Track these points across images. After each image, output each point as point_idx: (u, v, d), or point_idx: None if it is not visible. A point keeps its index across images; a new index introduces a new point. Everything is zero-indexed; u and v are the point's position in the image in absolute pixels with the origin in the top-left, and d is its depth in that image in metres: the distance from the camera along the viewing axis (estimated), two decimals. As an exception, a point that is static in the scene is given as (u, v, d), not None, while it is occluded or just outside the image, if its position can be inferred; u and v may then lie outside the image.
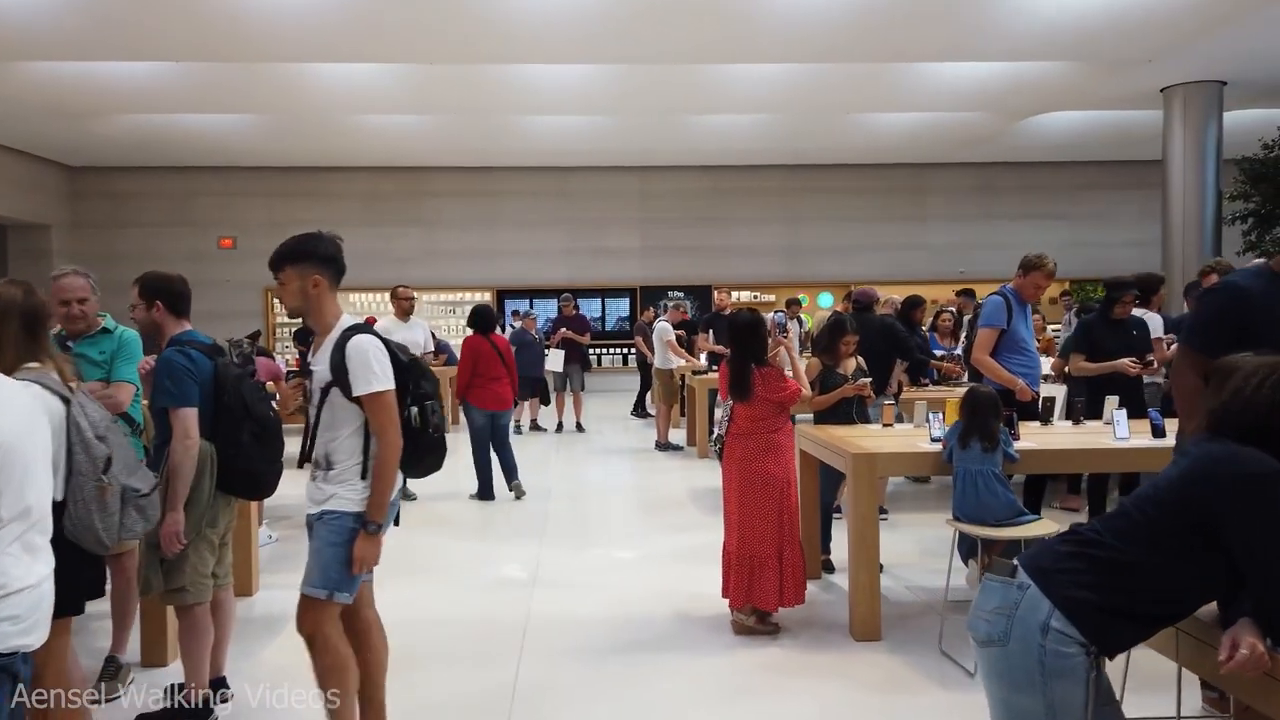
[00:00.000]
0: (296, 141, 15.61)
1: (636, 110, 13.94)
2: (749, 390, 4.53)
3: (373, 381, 3.04)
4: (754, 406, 4.55)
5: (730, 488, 4.62)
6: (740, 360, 4.58)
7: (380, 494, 3.09)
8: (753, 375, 4.55)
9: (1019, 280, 5.69)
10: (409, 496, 8.14)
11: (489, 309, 8.37)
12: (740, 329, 4.63)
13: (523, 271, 18.05)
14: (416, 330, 8.10)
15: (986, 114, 14.57)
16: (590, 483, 8.98)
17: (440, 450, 3.33)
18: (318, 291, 3.18)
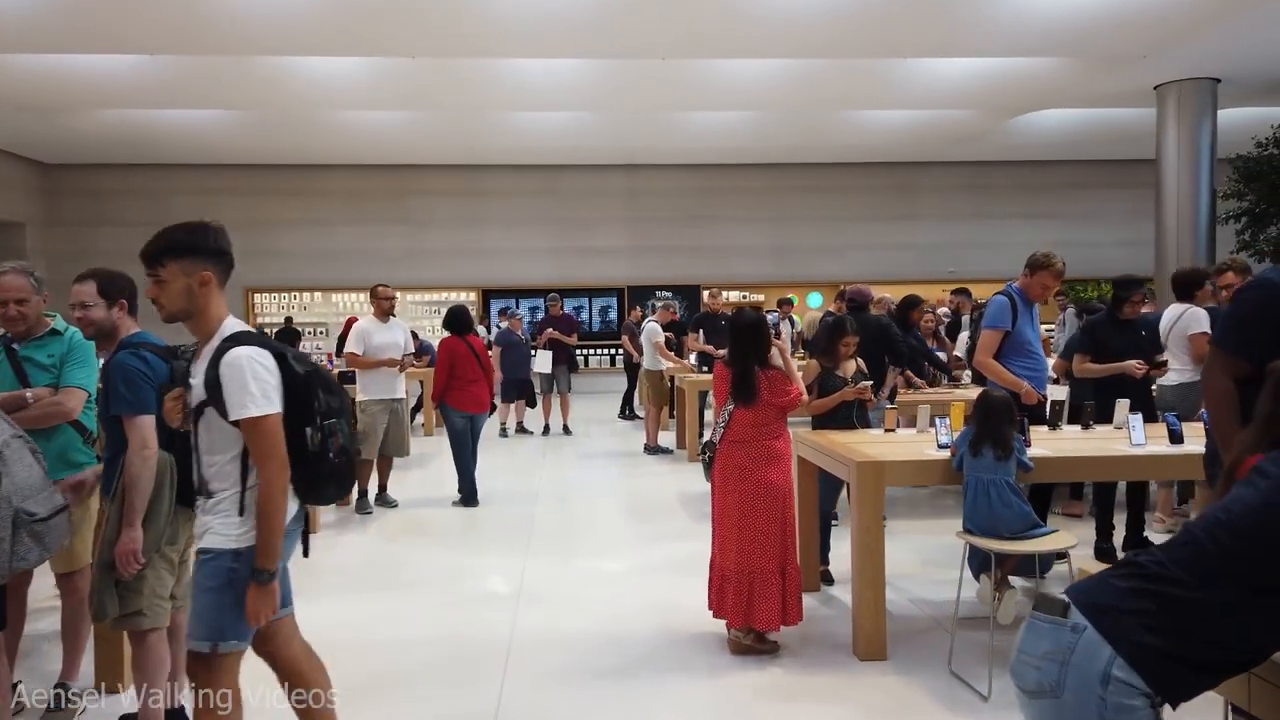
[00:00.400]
0: (278, 138, 15.24)
1: (625, 106, 13.65)
2: (754, 394, 4.25)
3: (248, 404, 2.58)
4: (757, 411, 4.27)
5: (726, 499, 4.33)
6: (743, 362, 4.30)
7: (266, 536, 2.63)
8: (757, 378, 4.27)
9: (1025, 280, 5.42)
10: (389, 504, 7.83)
11: (465, 309, 8.18)
12: (743, 329, 4.35)
13: (509, 271, 17.73)
14: (396, 331, 7.78)
15: (978, 111, 14.35)
16: (577, 488, 8.68)
17: (345, 477, 2.84)
18: (205, 291, 2.77)
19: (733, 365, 4.34)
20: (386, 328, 7.76)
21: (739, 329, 4.36)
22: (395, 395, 7.79)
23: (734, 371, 4.31)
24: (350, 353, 7.66)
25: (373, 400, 7.63)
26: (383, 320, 7.77)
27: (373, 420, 7.59)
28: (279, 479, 2.63)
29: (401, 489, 8.31)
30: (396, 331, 7.81)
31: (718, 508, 4.40)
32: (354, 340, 7.64)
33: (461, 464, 7.98)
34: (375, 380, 7.65)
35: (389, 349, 7.67)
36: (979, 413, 4.16)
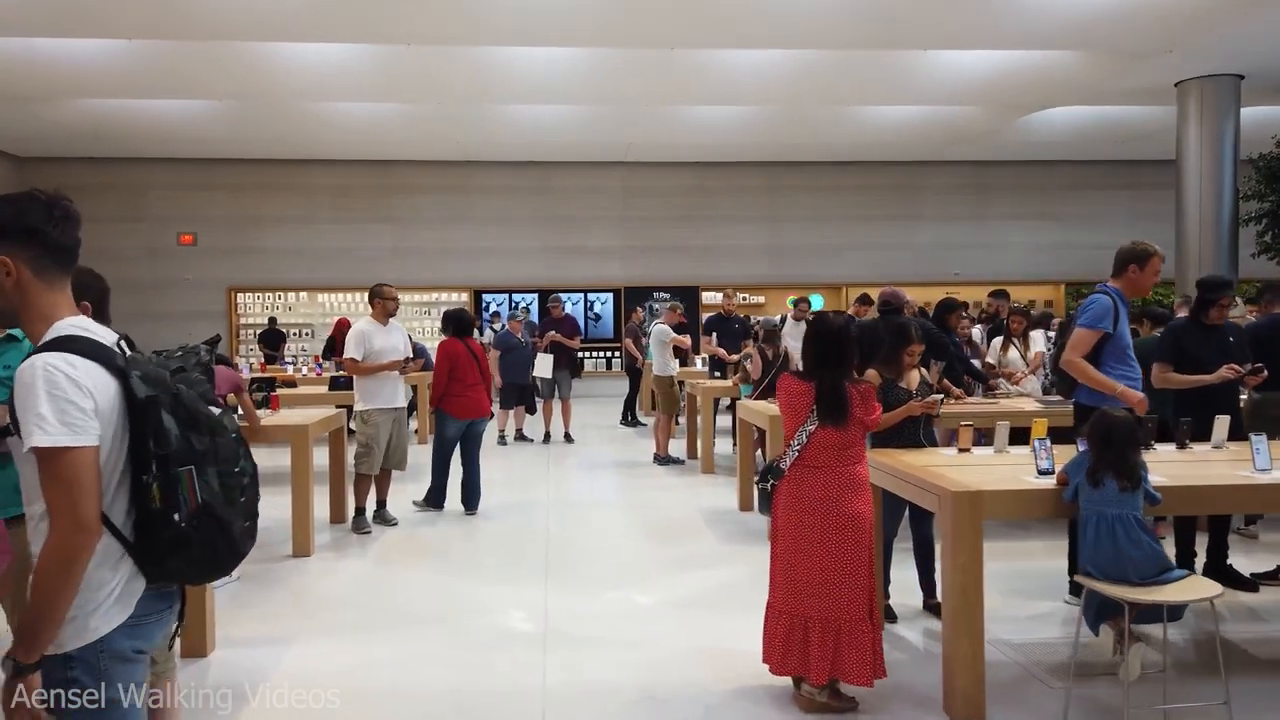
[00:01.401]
0: (260, 131, 14.48)
1: (619, 99, 13.01)
2: (847, 412, 3.62)
3: (34, 430, 1.86)
4: (847, 432, 3.64)
5: (803, 534, 3.68)
6: (833, 375, 3.67)
7: (31, 617, 1.89)
8: (849, 394, 3.65)
9: (1131, 275, 4.81)
10: (389, 521, 7.13)
11: (466, 312, 7.80)
12: (829, 336, 3.71)
13: (500, 271, 17.03)
14: (396, 335, 7.10)
15: (986, 108, 13.82)
16: (589, 503, 8.02)
17: (201, 551, 2.03)
18: (13, 282, 1.99)
19: (819, 379, 3.69)
20: (387, 331, 7.07)
21: (824, 337, 3.72)
22: (397, 404, 7.11)
23: (821, 386, 3.66)
24: (350, 358, 6.95)
25: (376, 409, 6.93)
26: (383, 322, 7.08)
27: (376, 432, 6.90)
28: (69, 541, 1.86)
29: (400, 504, 7.62)
30: (397, 335, 7.12)
31: (788, 545, 3.75)
32: (353, 344, 6.94)
33: (439, 473, 7.58)
34: (378, 387, 6.96)
35: (390, 353, 6.99)
36: (1099, 436, 3.54)
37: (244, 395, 6.01)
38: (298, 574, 5.90)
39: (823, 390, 3.65)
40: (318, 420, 6.54)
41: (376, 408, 6.92)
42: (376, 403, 6.92)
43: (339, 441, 7.25)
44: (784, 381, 3.83)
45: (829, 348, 3.70)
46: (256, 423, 6.14)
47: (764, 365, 8.54)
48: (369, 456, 6.87)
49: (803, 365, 3.85)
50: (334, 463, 7.25)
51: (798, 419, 3.70)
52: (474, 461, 7.55)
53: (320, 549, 6.43)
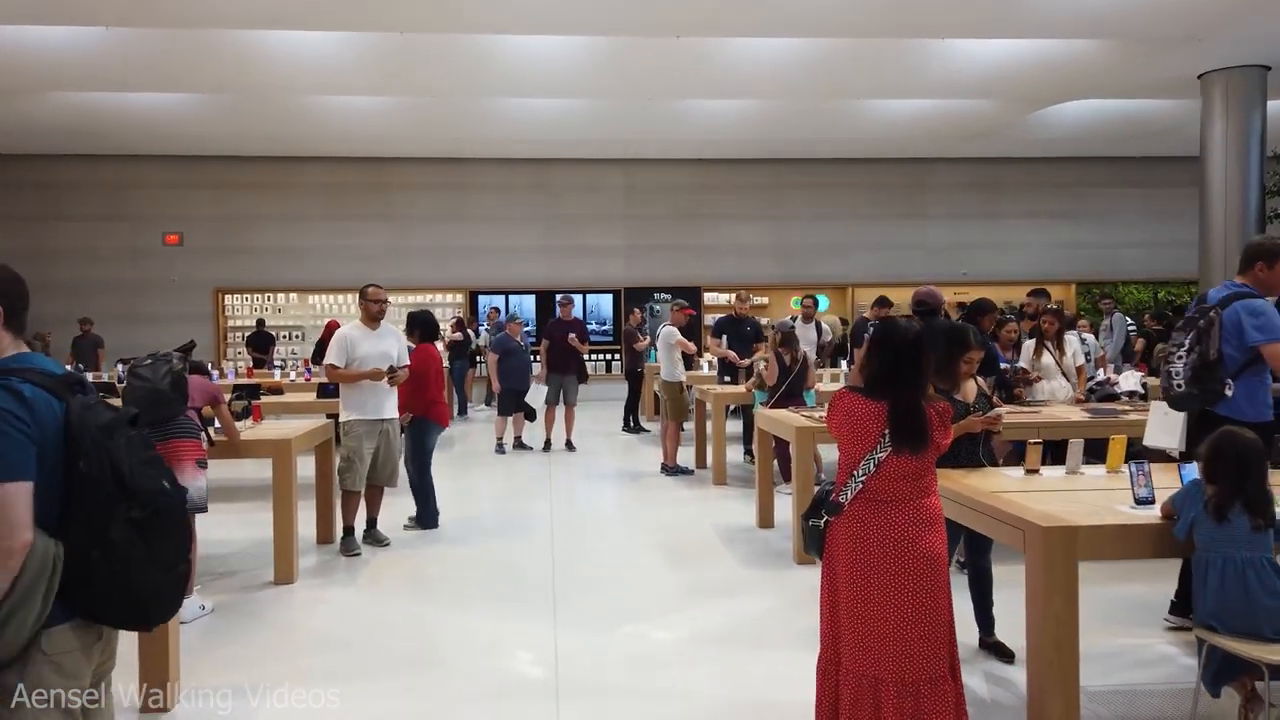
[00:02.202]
0: (249, 126, 13.87)
1: (621, 92, 12.42)
2: (928, 436, 3.06)
3: None
4: (923, 459, 3.08)
5: (870, 580, 3.08)
6: (910, 393, 3.10)
7: None
8: (928, 415, 3.08)
9: (1251, 273, 4.25)
10: (380, 542, 6.55)
11: (432, 314, 7.46)
12: (904, 347, 3.13)
13: (498, 271, 16.45)
14: (389, 339, 6.51)
15: (1000, 101, 13.27)
16: (595, 519, 7.44)
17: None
18: None
19: (892, 398, 3.11)
20: (376, 335, 6.47)
21: (900, 349, 3.13)
22: (385, 415, 6.51)
23: (897, 407, 3.08)
24: (330, 364, 6.36)
25: (358, 421, 6.34)
26: (371, 326, 6.49)
27: (358, 445, 6.31)
28: None
29: (390, 522, 7.04)
30: (388, 339, 6.53)
31: (853, 594, 3.15)
32: (335, 349, 6.34)
33: (429, 485, 7.10)
34: (363, 397, 6.36)
35: (377, 360, 6.39)
36: (1229, 462, 2.97)
37: (221, 407, 5.41)
38: (279, 605, 5.31)
39: (898, 412, 3.06)
40: (302, 433, 5.95)
41: (359, 419, 6.33)
42: (357, 413, 6.34)
43: (327, 455, 6.65)
44: (844, 401, 3.23)
45: (905, 362, 3.11)
46: (235, 436, 5.54)
47: (781, 371, 7.98)
48: (351, 471, 6.28)
49: (864, 379, 3.27)
50: (321, 478, 6.65)
51: (864, 444, 3.11)
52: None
53: (305, 574, 5.83)
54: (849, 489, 3.16)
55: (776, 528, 6.83)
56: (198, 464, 5.03)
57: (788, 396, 7.89)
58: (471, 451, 10.97)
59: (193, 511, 5.02)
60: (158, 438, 4.94)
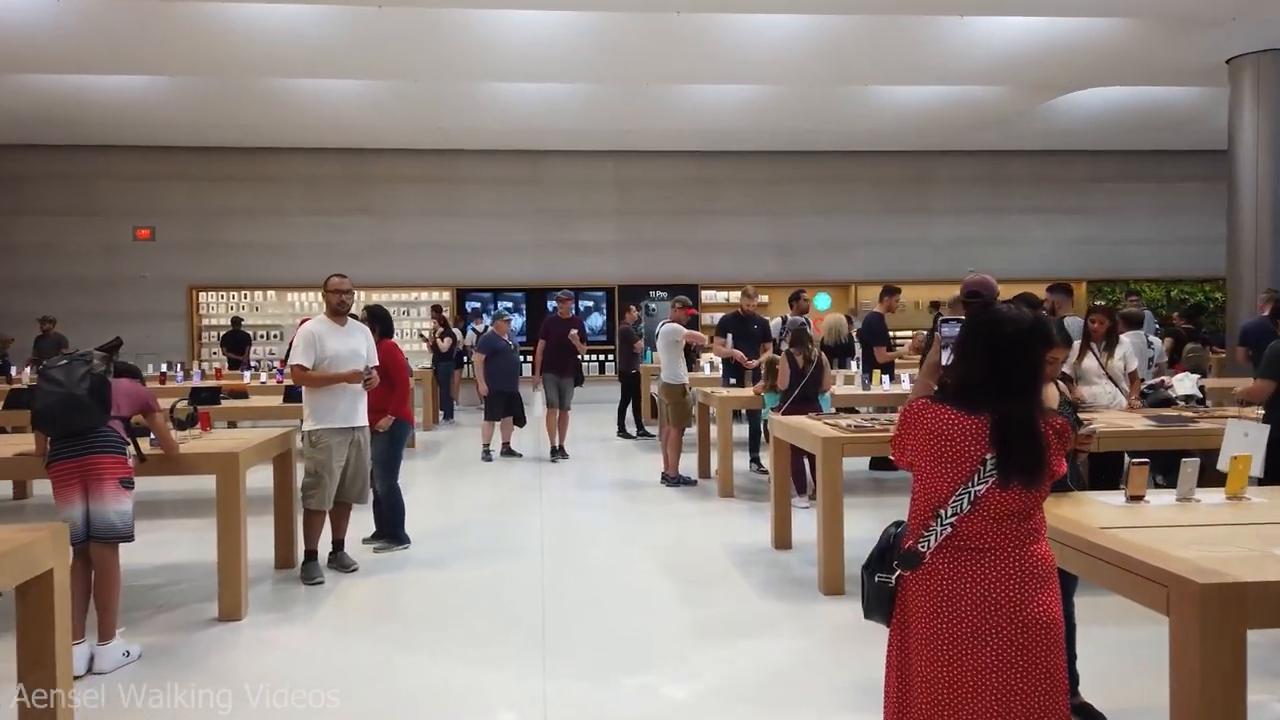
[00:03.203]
0: (223, 114, 13.01)
1: (615, 75, 11.62)
2: (1044, 465, 2.26)
3: None
4: (1038, 492, 2.28)
5: (967, 652, 2.27)
6: (1020, 404, 2.30)
7: None
8: (1047, 439, 2.29)
9: None
10: (347, 567, 5.71)
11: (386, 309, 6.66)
12: (1016, 338, 2.32)
13: (486, 268, 15.62)
14: (356, 336, 5.68)
15: (1013, 89, 12.52)
16: (590, 538, 6.62)
17: None
18: None
19: (998, 410, 2.30)
20: (344, 332, 5.64)
21: (1009, 340, 2.32)
22: (357, 422, 5.68)
23: (1005, 422, 2.28)
24: (297, 365, 5.52)
25: (327, 430, 5.51)
26: (338, 322, 5.66)
27: (327, 458, 5.48)
28: None
29: (355, 542, 6.22)
30: (357, 336, 5.70)
31: (938, 668, 2.33)
32: (301, 348, 5.50)
33: (400, 497, 6.30)
34: (332, 402, 5.52)
35: (348, 359, 5.56)
36: None
37: (155, 416, 4.58)
38: (221, 647, 4.47)
39: (1007, 430, 2.25)
40: (253, 445, 5.11)
41: (328, 427, 5.50)
42: (325, 420, 5.50)
43: (287, 466, 5.81)
44: (926, 415, 2.41)
45: (1018, 362, 2.31)
46: (172, 450, 4.71)
47: (793, 374, 7.18)
48: (318, 489, 5.45)
49: (953, 381, 2.46)
50: (281, 492, 5.81)
51: (955, 473, 2.30)
52: None
53: (257, 608, 4.99)
54: (932, 534, 2.35)
55: (795, 549, 6.02)
56: (121, 484, 4.20)
57: (802, 401, 7.10)
58: (456, 459, 10.14)
59: (116, 541, 4.21)
60: (73, 453, 4.13)
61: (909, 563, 2.40)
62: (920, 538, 2.38)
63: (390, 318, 6.48)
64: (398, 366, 6.25)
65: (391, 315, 6.64)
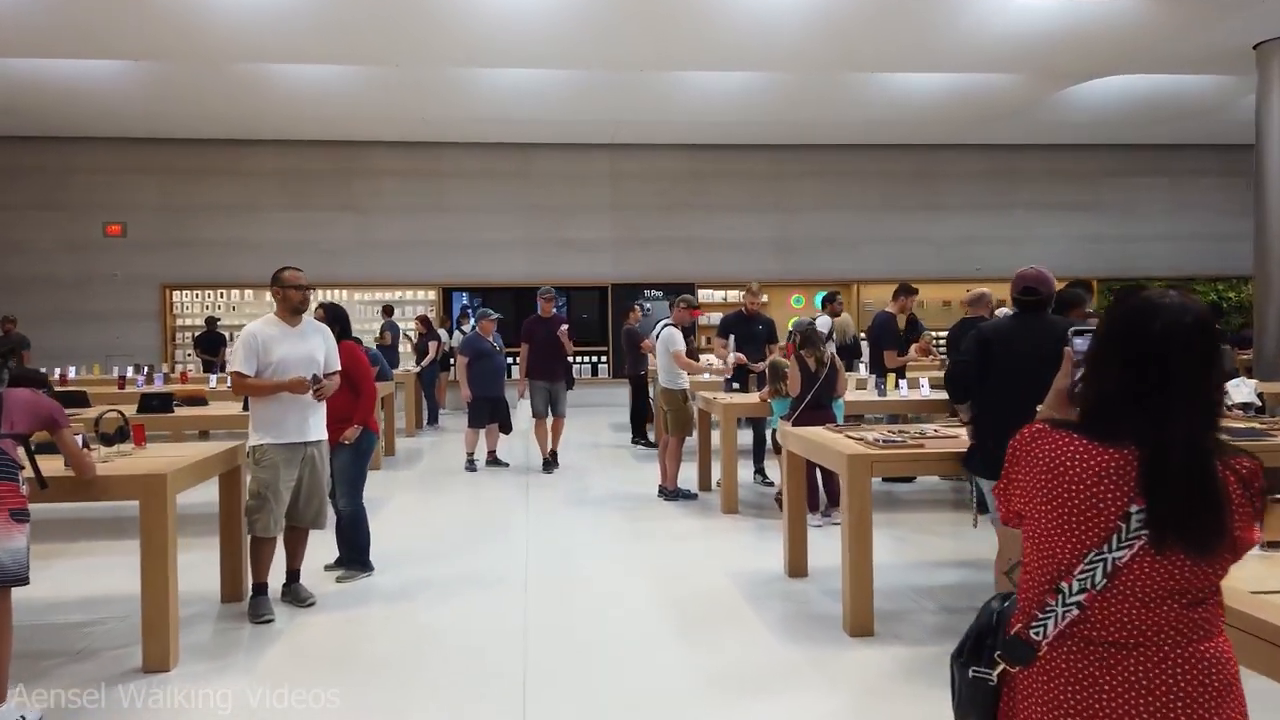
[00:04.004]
0: (198, 104, 12.26)
1: (609, 61, 10.90)
2: (1223, 525, 1.55)
3: None
4: (1213, 566, 1.58)
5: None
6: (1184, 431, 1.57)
7: None
8: (1225, 482, 1.57)
9: None
10: (302, 601, 4.97)
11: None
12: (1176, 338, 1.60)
13: (474, 266, 14.88)
14: (313, 339, 4.94)
15: (1026, 77, 11.82)
16: (582, 564, 5.88)
17: None
18: None
19: (1150, 438, 1.57)
20: (297, 333, 4.90)
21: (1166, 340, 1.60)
22: (310, 437, 4.93)
23: (1159, 458, 1.56)
24: (237, 372, 4.76)
25: (274, 445, 4.76)
26: (291, 322, 4.92)
27: (273, 476, 4.74)
28: None
29: (317, 569, 5.49)
30: (312, 339, 4.96)
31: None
32: (242, 353, 4.73)
33: (362, 521, 5.56)
34: (280, 413, 4.77)
35: (299, 365, 4.82)
36: None
37: (62, 432, 3.83)
38: (140, 709, 3.73)
39: (1165, 469, 1.55)
40: (188, 464, 4.37)
41: (275, 442, 4.75)
42: (276, 435, 4.76)
43: (234, 486, 5.06)
44: (1040, 441, 1.69)
45: (1180, 366, 1.60)
46: (86, 471, 3.97)
47: (804, 378, 6.47)
48: (262, 512, 4.71)
49: (1084, 402, 1.73)
50: (228, 516, 5.06)
51: (1086, 530, 1.58)
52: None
53: (191, 655, 4.24)
54: (1050, 616, 1.63)
55: (812, 577, 5.30)
56: (12, 516, 3.45)
57: (814, 408, 6.38)
58: (438, 468, 9.40)
59: (7, 585, 3.46)
60: (-49, 478, 3.38)
61: (1017, 656, 1.69)
62: (1034, 621, 1.66)
63: (348, 317, 5.72)
64: (361, 370, 5.52)
65: (347, 314, 5.86)
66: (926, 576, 5.36)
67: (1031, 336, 4.02)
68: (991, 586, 4.82)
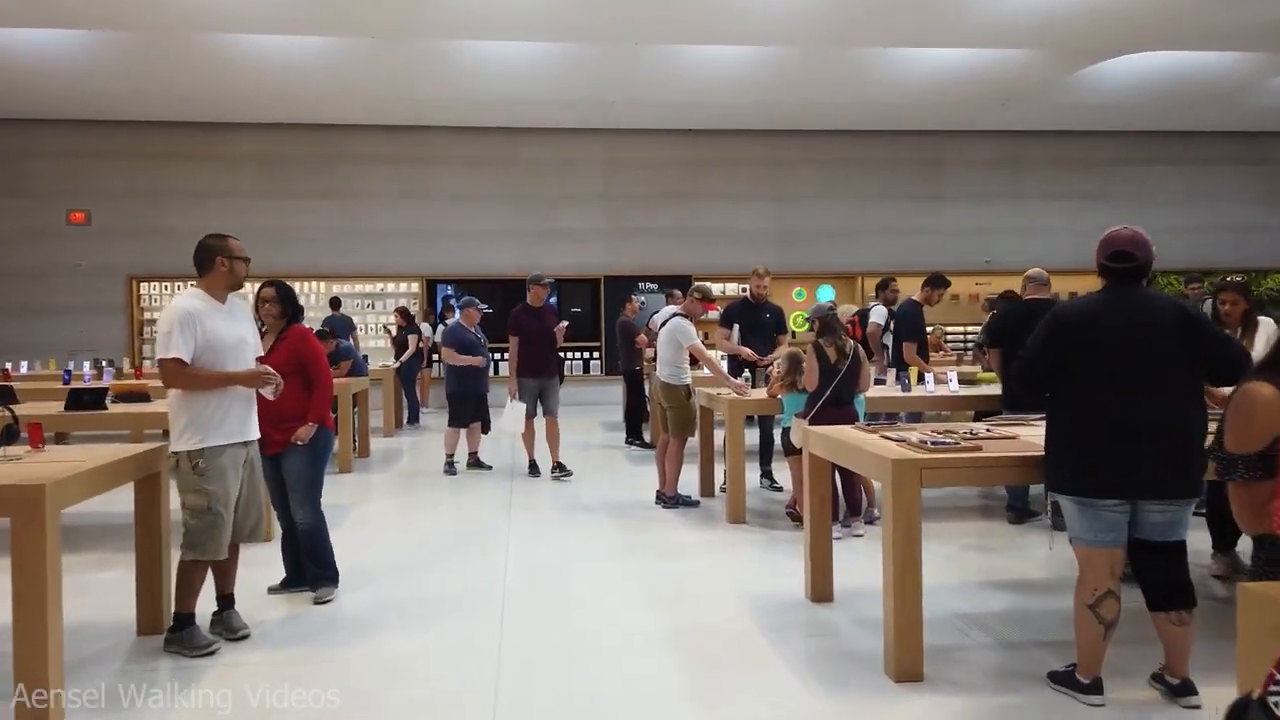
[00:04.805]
0: (166, 81, 11.42)
1: (599, 32, 10.09)
2: None
3: None
4: None
5: None
6: None
7: None
8: None
9: None
10: (236, 632, 4.11)
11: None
12: None
13: (460, 257, 14.03)
14: (242, 321, 4.08)
15: (1042, 54, 11.03)
16: (568, 590, 5.02)
17: None
18: None
19: None
20: (226, 312, 4.05)
21: None
22: (250, 435, 4.10)
23: None
24: (174, 359, 3.83)
25: (216, 449, 3.91)
26: (219, 298, 4.07)
27: (222, 487, 3.91)
28: None
29: (251, 592, 4.64)
30: (242, 321, 4.12)
31: None
32: (181, 332, 3.82)
33: (325, 528, 4.69)
34: (220, 410, 3.92)
35: (236, 350, 3.99)
36: None
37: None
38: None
39: None
40: (81, 472, 3.51)
41: (219, 444, 3.91)
42: (220, 436, 3.92)
43: (153, 494, 4.18)
44: None
45: None
46: None
47: (823, 370, 5.64)
48: (213, 531, 3.88)
49: None
50: (145, 532, 4.19)
51: None
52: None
53: (87, 711, 3.38)
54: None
55: (839, 602, 4.46)
56: None
57: (834, 404, 5.56)
58: (415, 471, 8.56)
59: None
60: None
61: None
62: None
63: (294, 296, 4.81)
64: (316, 359, 4.67)
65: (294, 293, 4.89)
66: (973, 601, 4.53)
67: (1131, 314, 3.20)
68: (1055, 614, 4.01)
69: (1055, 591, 4.57)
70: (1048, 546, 4.67)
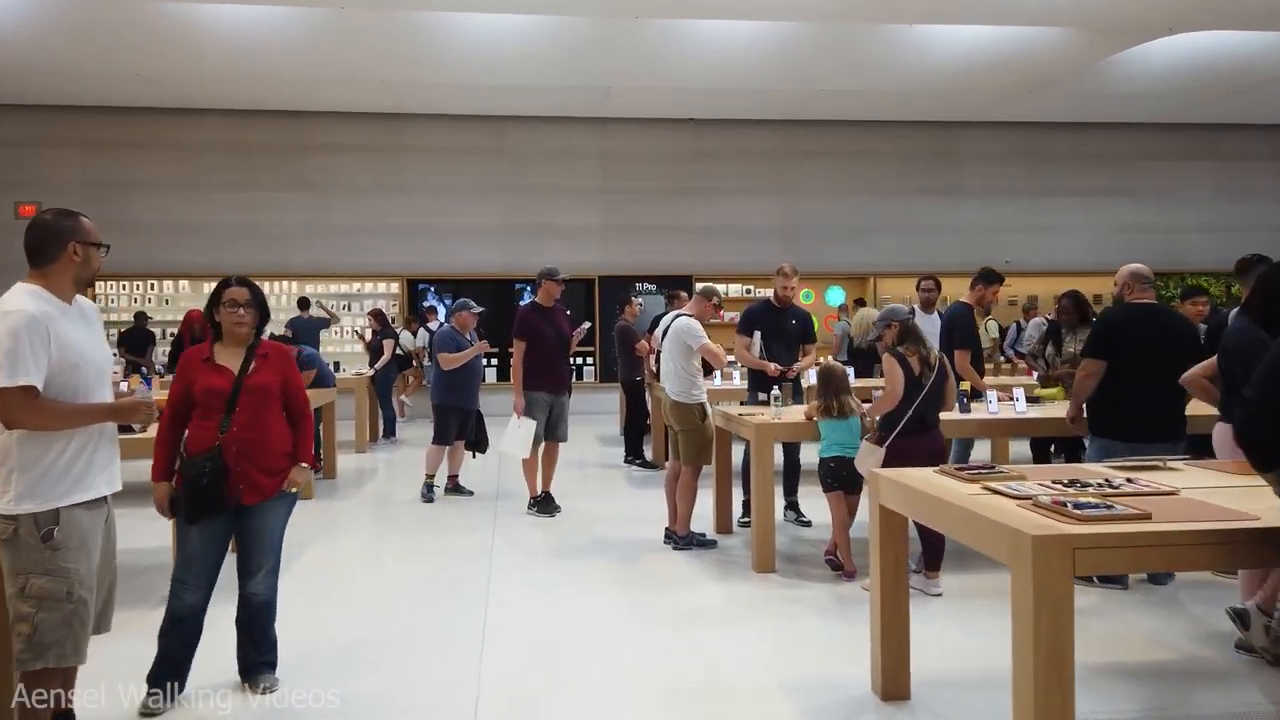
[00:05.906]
0: (123, 61, 10.24)
1: (598, 5, 8.93)
2: None
3: None
4: None
5: None
6: None
7: None
8: None
9: None
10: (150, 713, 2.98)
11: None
12: None
13: (443, 255, 12.90)
14: (94, 322, 2.90)
15: (1076, 33, 9.97)
16: (558, 674, 3.88)
17: None
18: None
19: None
20: (76, 315, 2.88)
21: None
22: (114, 486, 2.94)
23: None
24: (27, 385, 2.62)
25: (72, 510, 2.73)
26: (64, 297, 2.87)
27: (83, 564, 2.75)
28: None
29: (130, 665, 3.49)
30: (94, 323, 2.99)
31: None
32: (29, 347, 2.64)
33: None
34: (84, 454, 2.79)
35: (98, 366, 2.87)
36: None
37: None
38: None
39: None
40: None
41: (78, 503, 2.76)
42: (81, 490, 2.77)
43: None
44: None
45: None
46: None
47: (908, 386, 4.49)
48: (73, 624, 2.72)
49: None
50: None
51: None
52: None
53: None
54: None
55: (917, 698, 3.33)
56: None
57: (916, 431, 4.44)
58: (386, 497, 7.40)
59: None
60: None
61: None
62: None
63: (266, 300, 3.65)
64: (301, 386, 3.56)
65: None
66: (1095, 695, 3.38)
67: None
68: None
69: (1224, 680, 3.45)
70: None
